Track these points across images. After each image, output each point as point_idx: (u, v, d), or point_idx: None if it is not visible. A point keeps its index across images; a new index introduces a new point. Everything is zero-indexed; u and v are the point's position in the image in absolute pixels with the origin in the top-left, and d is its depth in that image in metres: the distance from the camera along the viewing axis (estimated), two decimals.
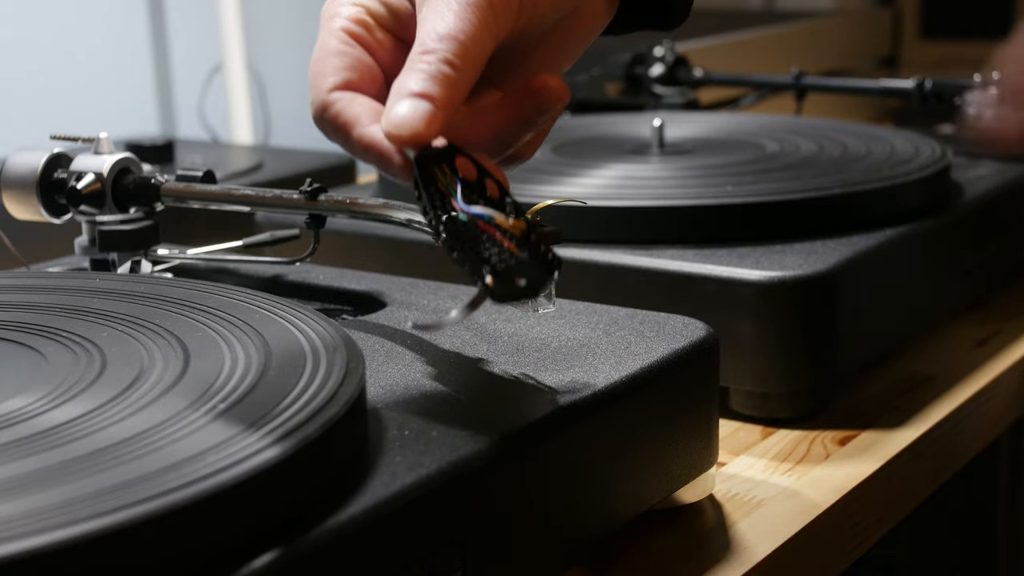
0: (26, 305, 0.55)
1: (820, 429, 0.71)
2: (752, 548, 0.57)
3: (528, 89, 0.48)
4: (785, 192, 0.76)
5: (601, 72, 1.23)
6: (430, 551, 0.43)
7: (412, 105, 0.46)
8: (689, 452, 0.57)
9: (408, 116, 0.46)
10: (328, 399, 0.43)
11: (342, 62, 0.50)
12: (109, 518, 0.34)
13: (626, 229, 0.74)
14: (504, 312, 0.61)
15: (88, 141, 0.67)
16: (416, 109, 0.46)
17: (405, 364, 0.54)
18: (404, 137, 0.46)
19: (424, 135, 0.46)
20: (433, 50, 0.47)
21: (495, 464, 0.46)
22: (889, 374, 0.79)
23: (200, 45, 1.41)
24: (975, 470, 0.90)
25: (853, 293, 0.70)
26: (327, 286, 0.67)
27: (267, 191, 0.63)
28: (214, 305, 0.54)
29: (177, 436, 0.40)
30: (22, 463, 0.38)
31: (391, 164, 0.47)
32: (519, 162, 0.52)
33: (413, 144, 0.46)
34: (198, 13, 1.40)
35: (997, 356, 0.82)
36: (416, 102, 0.46)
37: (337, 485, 0.42)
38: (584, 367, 0.54)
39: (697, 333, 0.58)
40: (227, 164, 1.08)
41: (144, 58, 1.37)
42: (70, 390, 0.45)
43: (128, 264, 0.66)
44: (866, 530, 0.66)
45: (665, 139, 0.92)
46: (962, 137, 0.95)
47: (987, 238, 0.86)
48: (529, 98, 0.48)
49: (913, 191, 0.79)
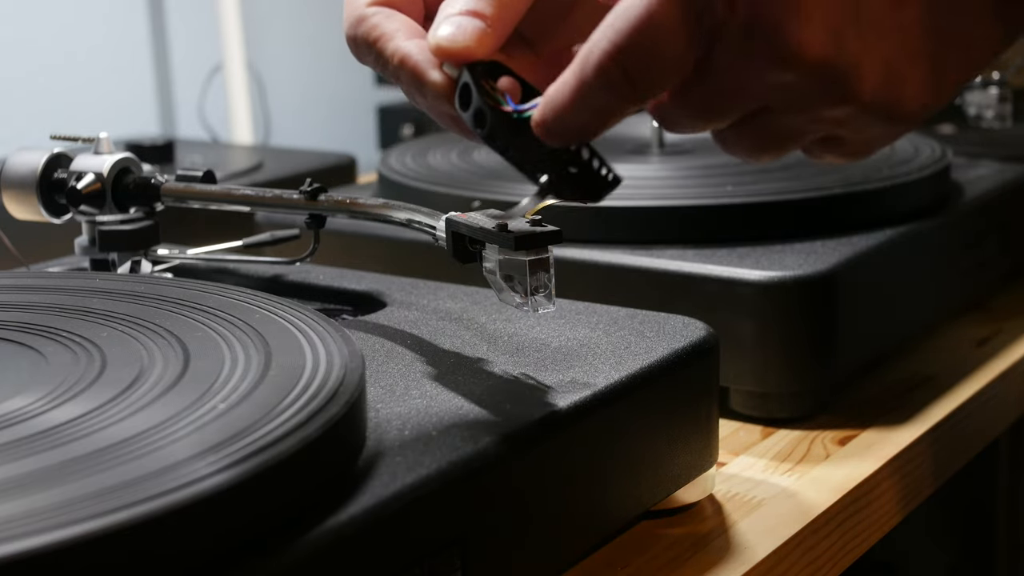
0: (26, 305, 0.55)
1: (820, 429, 0.71)
2: (752, 548, 0.57)
3: (565, 59, 0.46)
4: (785, 192, 0.76)
5: None
6: (430, 551, 0.43)
7: (462, 22, 0.45)
8: (689, 452, 0.57)
9: (460, 32, 0.45)
10: (328, 399, 0.43)
11: None
12: (109, 518, 0.34)
13: (626, 229, 0.74)
14: (504, 312, 0.61)
15: (88, 141, 0.67)
16: (467, 26, 0.45)
17: (405, 364, 0.54)
18: (455, 50, 0.45)
19: (475, 51, 0.45)
20: None
21: (495, 464, 0.46)
22: (889, 374, 0.79)
23: (200, 45, 1.41)
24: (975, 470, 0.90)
25: (853, 293, 0.70)
26: (327, 286, 0.67)
27: (267, 191, 0.63)
28: (214, 305, 0.54)
29: (177, 436, 0.40)
30: (22, 463, 0.38)
31: (427, 79, 0.46)
32: None
33: (463, 59, 0.45)
34: (198, 13, 1.41)
35: (997, 356, 0.82)
36: (467, 20, 0.45)
37: (337, 485, 0.42)
38: (584, 367, 0.54)
39: (697, 333, 0.58)
40: (227, 164, 1.08)
41: (144, 58, 1.37)
42: (70, 390, 0.45)
43: (128, 264, 0.66)
44: (866, 530, 0.66)
45: (665, 139, 0.92)
46: None
47: (987, 238, 0.86)
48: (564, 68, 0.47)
49: (913, 191, 0.79)
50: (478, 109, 0.44)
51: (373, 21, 0.47)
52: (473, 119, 0.45)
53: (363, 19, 0.48)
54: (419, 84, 0.46)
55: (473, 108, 0.45)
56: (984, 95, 0.99)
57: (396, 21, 0.47)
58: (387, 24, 0.47)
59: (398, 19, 0.48)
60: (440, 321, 0.60)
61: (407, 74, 0.46)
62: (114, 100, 1.33)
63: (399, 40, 0.47)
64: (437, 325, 0.59)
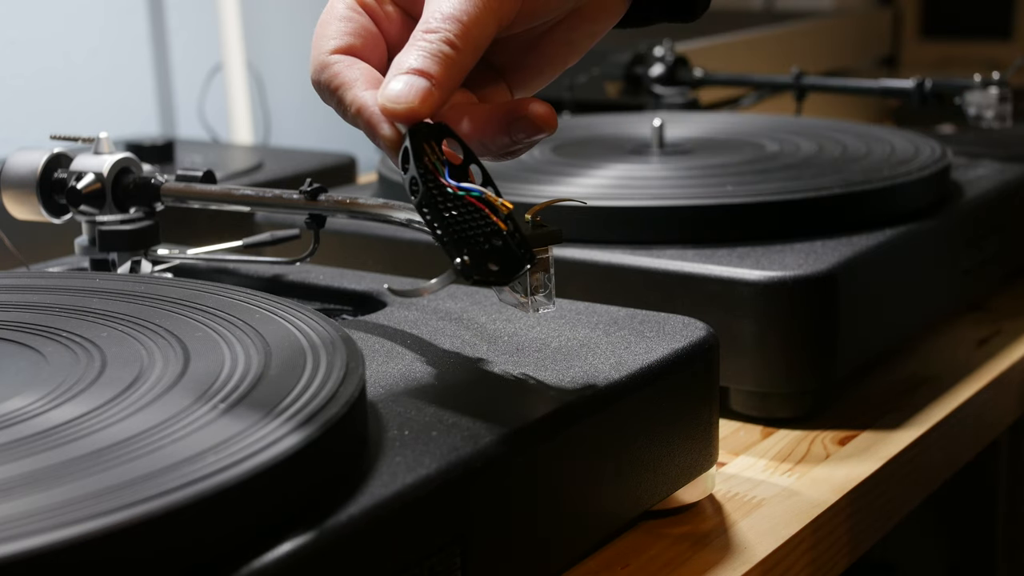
0: (26, 305, 0.55)
1: (820, 429, 0.71)
2: (752, 548, 0.57)
3: (516, 111, 0.49)
4: (785, 192, 0.76)
5: (601, 72, 1.23)
6: (430, 551, 0.43)
7: (410, 81, 0.47)
8: (689, 452, 0.57)
9: (405, 91, 0.47)
10: (328, 399, 0.43)
11: (347, 27, 0.50)
12: (109, 518, 0.34)
13: (626, 229, 0.74)
14: (504, 312, 0.61)
15: (88, 141, 0.67)
16: (413, 85, 0.47)
17: (405, 364, 0.54)
18: (399, 111, 0.47)
19: (419, 111, 0.47)
20: (436, 29, 0.48)
21: (495, 464, 0.46)
22: (889, 374, 0.79)
23: (200, 45, 1.41)
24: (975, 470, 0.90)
25: (853, 293, 0.70)
26: (327, 286, 0.67)
27: (267, 191, 0.63)
28: (214, 305, 0.54)
29: (177, 436, 0.40)
30: (22, 463, 0.38)
31: (379, 132, 0.48)
32: (497, 160, 0.52)
33: (407, 119, 0.47)
34: (198, 13, 1.40)
35: (997, 356, 0.82)
36: (414, 79, 0.47)
37: (337, 485, 0.42)
38: (584, 367, 0.54)
39: (697, 333, 0.58)
40: (227, 164, 1.08)
41: (144, 58, 1.37)
42: (70, 390, 0.45)
43: (128, 264, 0.66)
44: (866, 530, 0.66)
45: (665, 139, 0.92)
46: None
47: (987, 238, 0.86)
48: (516, 120, 0.49)
49: (913, 191, 0.79)
50: (412, 177, 0.47)
51: (335, 69, 0.49)
52: (408, 185, 0.47)
53: (326, 66, 0.50)
54: (373, 136, 0.48)
55: (408, 175, 0.47)
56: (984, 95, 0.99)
57: (356, 70, 0.49)
58: (348, 73, 0.49)
59: (359, 68, 0.50)
60: (440, 321, 0.60)
61: (363, 125, 0.49)
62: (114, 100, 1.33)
63: (357, 89, 0.49)
64: (437, 325, 0.59)
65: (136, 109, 1.37)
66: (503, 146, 0.50)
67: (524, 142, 0.50)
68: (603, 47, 1.29)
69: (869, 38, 1.70)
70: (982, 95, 0.99)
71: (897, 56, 1.78)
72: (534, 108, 0.49)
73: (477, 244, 0.46)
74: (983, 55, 1.69)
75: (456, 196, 0.47)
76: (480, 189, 0.47)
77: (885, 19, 1.73)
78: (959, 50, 1.75)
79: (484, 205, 0.47)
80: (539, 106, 0.49)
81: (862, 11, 1.75)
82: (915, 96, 1.05)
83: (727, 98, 1.32)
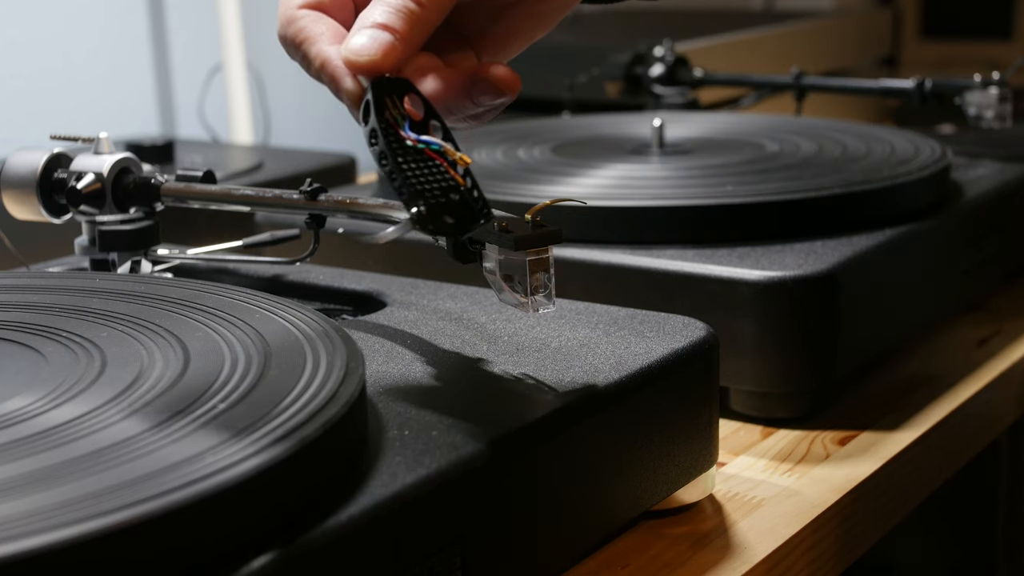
0: (26, 305, 0.55)
1: (820, 429, 0.71)
2: (752, 548, 0.57)
3: (478, 74, 0.49)
4: (785, 192, 0.76)
5: (601, 72, 1.23)
6: (430, 551, 0.43)
7: (373, 35, 0.47)
8: (689, 452, 0.57)
9: (368, 44, 0.47)
10: (328, 399, 0.43)
11: None
12: (109, 518, 0.34)
13: (626, 229, 0.74)
14: (504, 312, 0.61)
15: (88, 141, 0.67)
16: (376, 39, 0.47)
17: (405, 364, 0.54)
18: (361, 64, 0.47)
19: (381, 65, 0.47)
20: None
21: (495, 464, 0.46)
22: (889, 374, 0.79)
23: (200, 45, 1.41)
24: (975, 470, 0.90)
25: (853, 293, 0.70)
26: (327, 286, 0.67)
27: (267, 191, 0.63)
28: (214, 305, 0.54)
29: (177, 436, 0.40)
30: (22, 463, 0.38)
31: (341, 86, 0.48)
32: (463, 127, 0.53)
33: (369, 72, 0.47)
34: (198, 13, 1.40)
35: (997, 356, 0.82)
36: (378, 32, 0.47)
37: (337, 485, 0.42)
38: (584, 367, 0.54)
39: (697, 333, 0.58)
40: (227, 164, 1.08)
41: (144, 58, 1.37)
42: (70, 390, 0.45)
43: (128, 264, 0.66)
44: (866, 530, 0.66)
45: (665, 139, 0.92)
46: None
47: (987, 238, 0.86)
48: (478, 82, 0.49)
49: (913, 191, 0.79)
50: (372, 129, 0.47)
51: (301, 24, 0.50)
52: (368, 137, 0.48)
53: (292, 20, 0.50)
54: (336, 90, 0.49)
55: (369, 127, 0.47)
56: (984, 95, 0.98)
57: (323, 24, 0.50)
58: (313, 27, 0.50)
59: (325, 23, 0.50)
60: (440, 321, 0.60)
61: (327, 78, 0.49)
62: (114, 100, 1.33)
63: (322, 44, 0.49)
64: (437, 325, 0.59)
65: (136, 109, 1.37)
66: (465, 108, 0.50)
67: (486, 105, 0.50)
68: (603, 47, 1.29)
69: (869, 38, 1.70)
70: (982, 95, 0.99)
71: (897, 56, 1.78)
72: (496, 71, 0.49)
73: (434, 196, 0.46)
74: (983, 55, 1.69)
75: (416, 149, 0.47)
76: (439, 143, 0.48)
77: (885, 19, 1.73)
78: (959, 50, 1.75)
79: (442, 159, 0.47)
80: (501, 69, 0.49)
81: (862, 11, 1.75)
82: (915, 96, 1.05)
83: (727, 98, 1.32)
